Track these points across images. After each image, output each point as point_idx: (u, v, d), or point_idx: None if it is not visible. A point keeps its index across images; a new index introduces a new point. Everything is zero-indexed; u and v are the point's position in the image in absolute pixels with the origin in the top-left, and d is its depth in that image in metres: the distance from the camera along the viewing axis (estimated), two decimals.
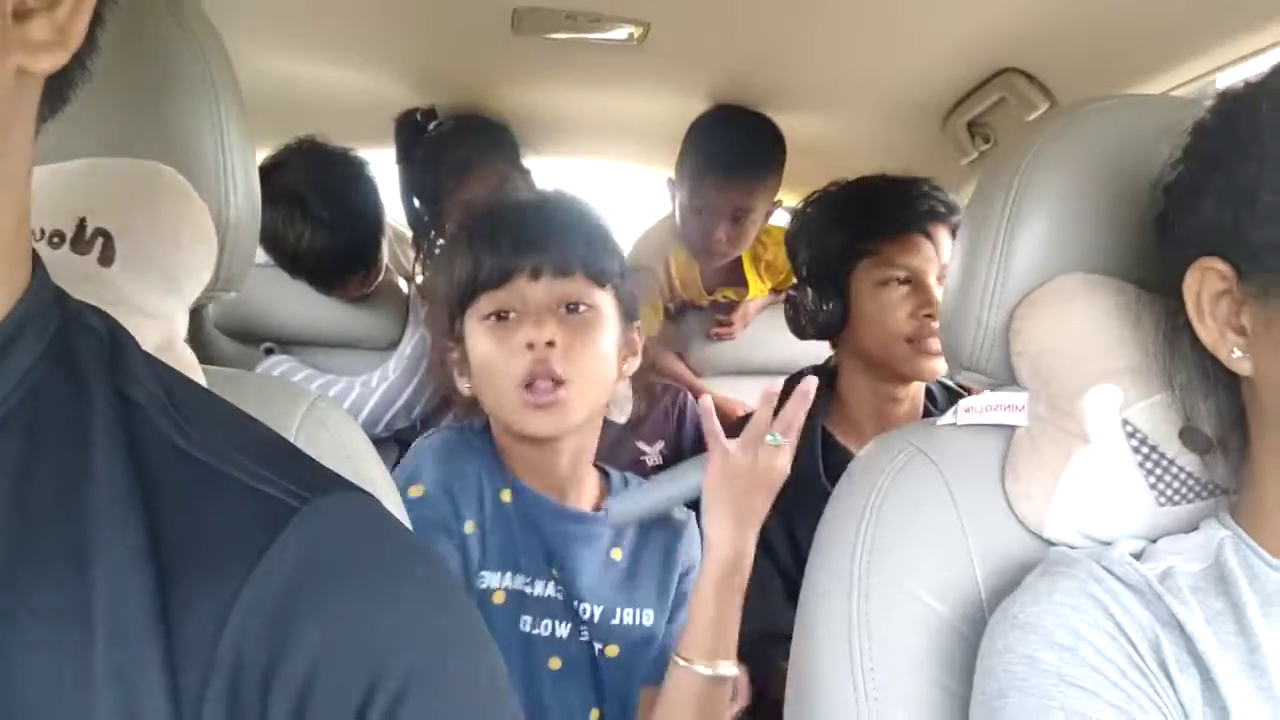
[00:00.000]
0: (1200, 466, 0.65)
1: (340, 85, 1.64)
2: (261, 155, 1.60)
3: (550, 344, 0.92)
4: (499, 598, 0.95)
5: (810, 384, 0.97)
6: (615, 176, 2.15)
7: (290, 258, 1.59)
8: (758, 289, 1.95)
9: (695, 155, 1.70)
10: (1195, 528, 0.65)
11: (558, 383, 0.93)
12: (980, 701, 0.58)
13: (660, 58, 1.47)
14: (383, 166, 1.71)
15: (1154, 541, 0.64)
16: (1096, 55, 1.26)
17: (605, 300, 0.99)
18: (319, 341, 1.73)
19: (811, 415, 1.30)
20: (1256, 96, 0.58)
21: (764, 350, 1.93)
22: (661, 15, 1.33)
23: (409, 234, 1.84)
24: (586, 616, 0.99)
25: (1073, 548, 0.66)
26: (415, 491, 0.96)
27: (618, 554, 1.03)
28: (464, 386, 1.01)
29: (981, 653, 0.60)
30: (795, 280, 1.43)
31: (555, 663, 0.96)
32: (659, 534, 1.06)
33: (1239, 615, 0.56)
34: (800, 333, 1.35)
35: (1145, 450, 0.66)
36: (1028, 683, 0.55)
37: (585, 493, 1.05)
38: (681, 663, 0.92)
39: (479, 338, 0.96)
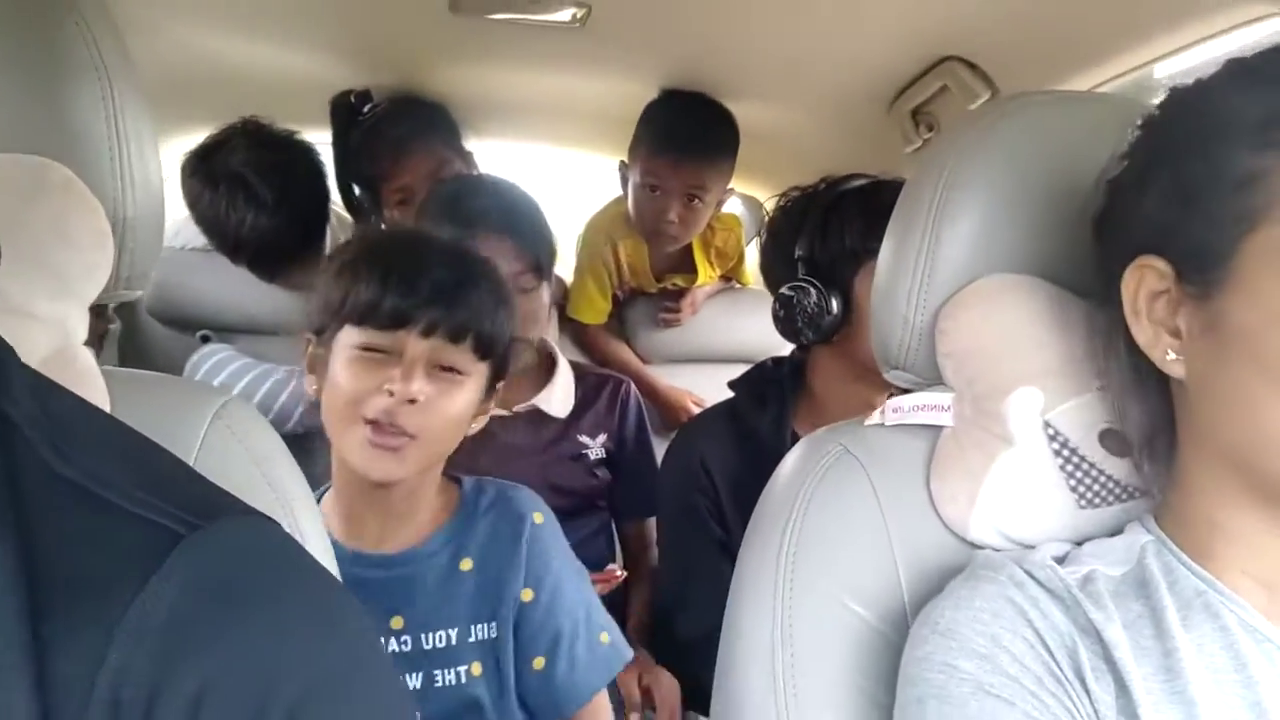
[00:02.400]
0: (1120, 469, 0.65)
1: (278, 65, 1.59)
2: (199, 138, 1.55)
3: (412, 401, 0.90)
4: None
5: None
6: (561, 161, 2.12)
7: (231, 243, 1.54)
8: (707, 275, 1.94)
9: (650, 134, 1.68)
10: (1120, 530, 0.65)
11: (407, 435, 0.91)
12: (901, 707, 0.58)
13: (604, 41, 1.45)
14: (322, 149, 1.67)
15: (1079, 544, 0.64)
16: (1037, 44, 1.25)
17: (479, 370, 0.97)
18: (258, 329, 1.69)
19: (780, 415, 1.30)
20: (1207, 95, 0.57)
21: (712, 337, 1.93)
22: None
23: (350, 219, 1.80)
24: (441, 645, 0.96)
25: (996, 550, 0.65)
26: None
27: (467, 564, 1.00)
28: (311, 389, 0.99)
29: (904, 659, 0.59)
30: (770, 276, 1.35)
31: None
32: (504, 529, 1.02)
33: (1157, 620, 0.56)
34: (792, 335, 1.27)
35: (1066, 453, 0.66)
36: (945, 690, 0.55)
37: (420, 522, 1.01)
38: None
39: (344, 359, 0.93)
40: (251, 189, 1.49)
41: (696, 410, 1.78)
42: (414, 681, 0.95)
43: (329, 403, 0.95)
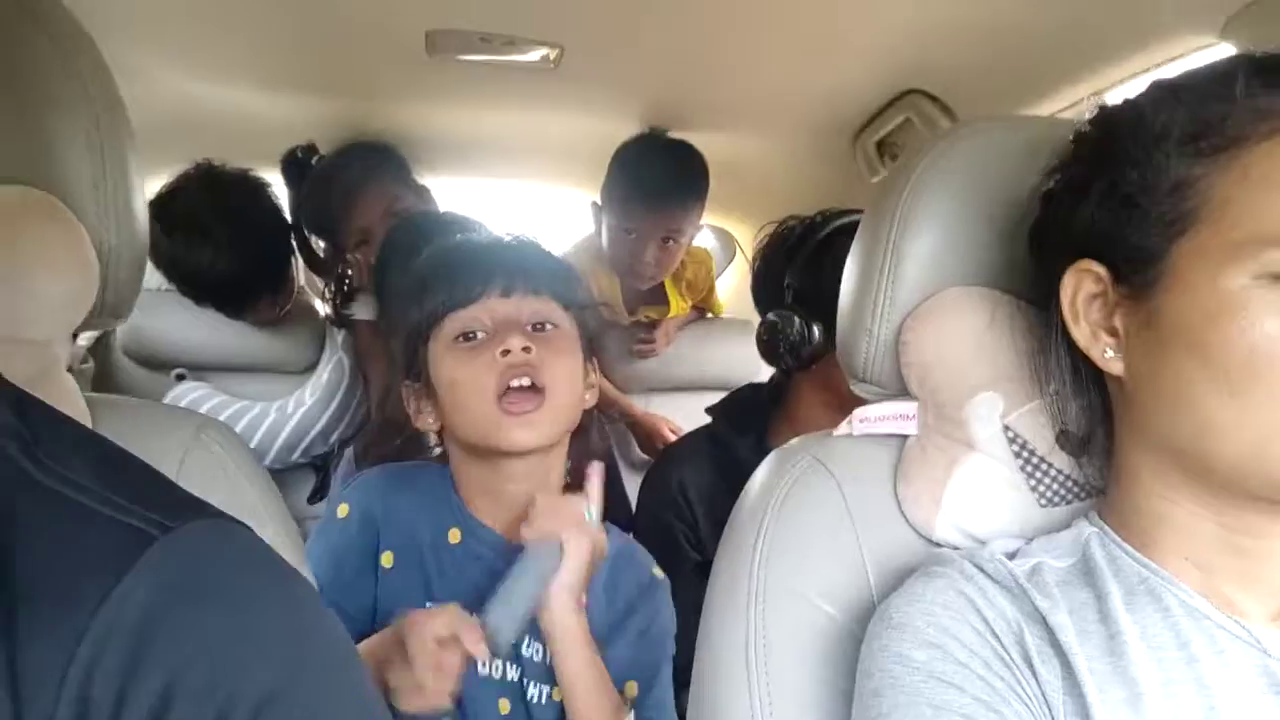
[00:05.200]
0: (1076, 469, 0.68)
1: (254, 108, 1.61)
2: (159, 180, 1.57)
3: (527, 349, 0.90)
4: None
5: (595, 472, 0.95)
6: (533, 198, 2.15)
7: (192, 285, 1.56)
8: (679, 307, 1.97)
9: (626, 180, 1.71)
10: (1067, 526, 0.67)
11: (536, 390, 0.91)
12: (859, 699, 0.60)
13: (576, 80, 1.49)
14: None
15: (1029, 541, 0.67)
16: (994, 77, 1.31)
17: (570, 324, 0.98)
18: (233, 366, 1.70)
19: (759, 440, 1.31)
20: (1139, 111, 0.61)
21: (687, 366, 1.95)
22: (575, 38, 1.34)
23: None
24: (530, 656, 0.94)
25: (958, 549, 0.68)
26: (341, 512, 0.97)
27: (584, 598, 0.96)
28: (428, 421, 0.98)
29: (861, 653, 0.61)
30: (758, 299, 1.38)
31: (504, 705, 0.93)
32: (627, 579, 1.00)
33: (1102, 605, 0.59)
34: (774, 359, 1.29)
35: (1025, 454, 0.68)
36: (899, 680, 0.57)
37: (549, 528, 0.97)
38: None
39: (446, 362, 0.94)
40: (208, 231, 1.51)
41: (673, 436, 1.80)
42: (512, 673, 0.93)
43: (453, 407, 0.93)
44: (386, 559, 0.95)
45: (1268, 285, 0.53)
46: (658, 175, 1.68)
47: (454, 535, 0.97)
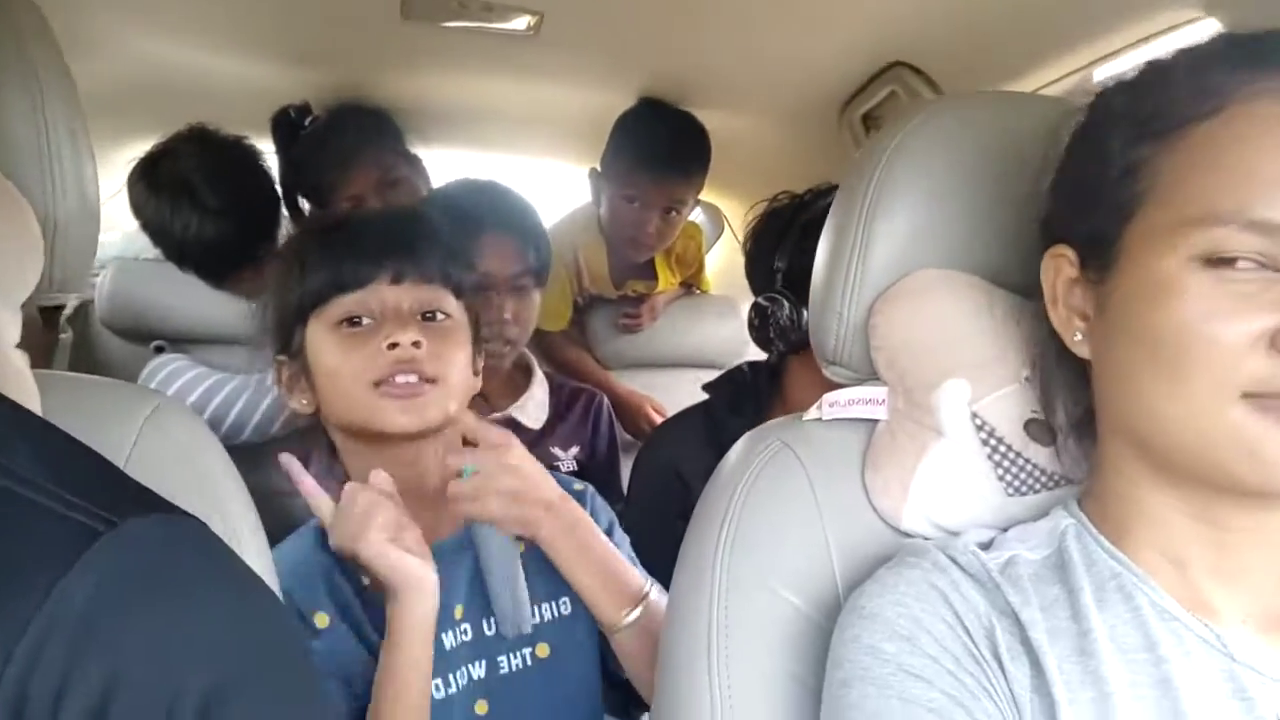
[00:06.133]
0: (1045, 457, 0.67)
1: (232, 73, 1.59)
2: (147, 145, 1.54)
3: (416, 344, 0.88)
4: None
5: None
6: (516, 169, 2.13)
7: (176, 248, 1.54)
8: (668, 282, 1.95)
9: (630, 148, 1.69)
10: (1045, 515, 0.66)
11: (426, 380, 0.88)
12: (828, 689, 0.59)
13: (558, 49, 1.46)
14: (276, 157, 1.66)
15: (1005, 531, 0.66)
16: (979, 49, 1.28)
17: (459, 312, 0.96)
18: (213, 338, 1.68)
19: (756, 420, 1.29)
20: (1099, 101, 0.62)
21: (673, 342, 1.94)
22: (554, 4, 1.31)
23: None
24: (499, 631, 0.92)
25: (927, 538, 0.67)
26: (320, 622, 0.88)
27: (521, 545, 0.95)
28: (301, 403, 0.94)
29: (832, 643, 0.60)
30: (751, 283, 1.35)
31: (482, 707, 0.91)
32: None
33: (1074, 601, 0.58)
34: (764, 343, 1.28)
35: (993, 443, 0.67)
36: (869, 672, 0.56)
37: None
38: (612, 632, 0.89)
39: (327, 346, 0.90)
40: (196, 194, 1.48)
41: (657, 417, 1.79)
42: (477, 671, 0.90)
43: (330, 393, 0.90)
44: (321, 621, 0.87)
45: (1200, 267, 0.53)
46: (664, 143, 1.66)
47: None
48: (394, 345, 0.87)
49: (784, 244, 1.26)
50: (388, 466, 0.89)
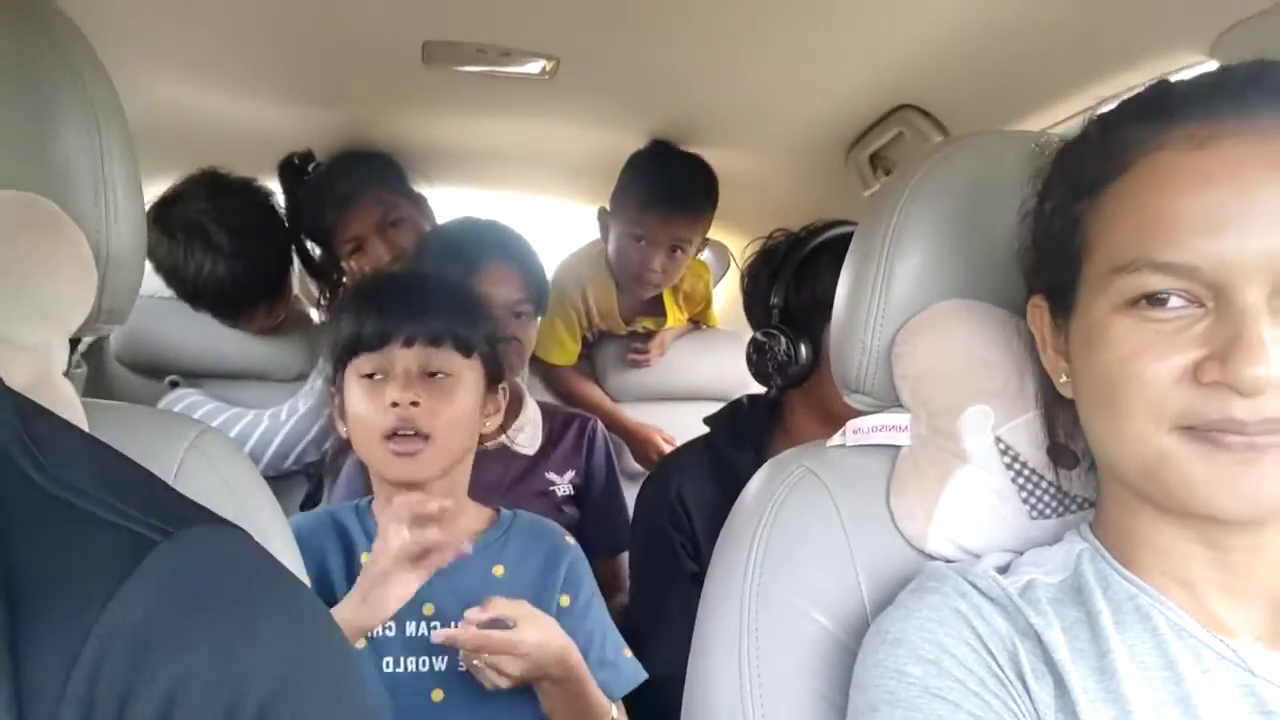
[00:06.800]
0: (1069, 481, 0.69)
1: (252, 117, 1.62)
2: (161, 187, 1.57)
3: (414, 404, 1.02)
4: (359, 643, 1.01)
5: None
6: (532, 211, 2.16)
7: (190, 290, 1.56)
8: (676, 319, 1.98)
9: (639, 187, 1.73)
10: (1060, 539, 0.68)
11: (422, 436, 1.03)
12: (853, 714, 0.60)
13: (572, 92, 1.50)
14: None
15: (1020, 554, 0.67)
16: (985, 92, 1.32)
17: (468, 368, 1.09)
18: (226, 374, 1.70)
19: (758, 452, 1.31)
20: (1053, 159, 0.66)
21: (681, 376, 1.96)
22: (570, 50, 1.35)
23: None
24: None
25: (951, 560, 0.68)
26: None
27: (499, 570, 1.09)
28: (342, 430, 1.11)
29: (856, 667, 0.62)
30: (749, 318, 1.38)
31: (437, 694, 1.02)
32: (538, 548, 1.13)
33: (1093, 624, 0.59)
34: (763, 379, 1.30)
35: (1017, 466, 0.69)
36: (895, 695, 0.57)
37: (462, 524, 1.10)
38: None
39: (354, 393, 1.07)
40: (209, 237, 1.51)
41: (667, 447, 1.80)
42: (439, 664, 1.03)
43: (354, 434, 1.08)
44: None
45: (1122, 311, 0.57)
46: (672, 183, 1.71)
47: (365, 558, 1.05)
48: (395, 404, 1.02)
49: (779, 281, 1.29)
50: (398, 491, 1.05)
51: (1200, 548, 0.59)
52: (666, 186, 1.70)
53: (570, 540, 1.16)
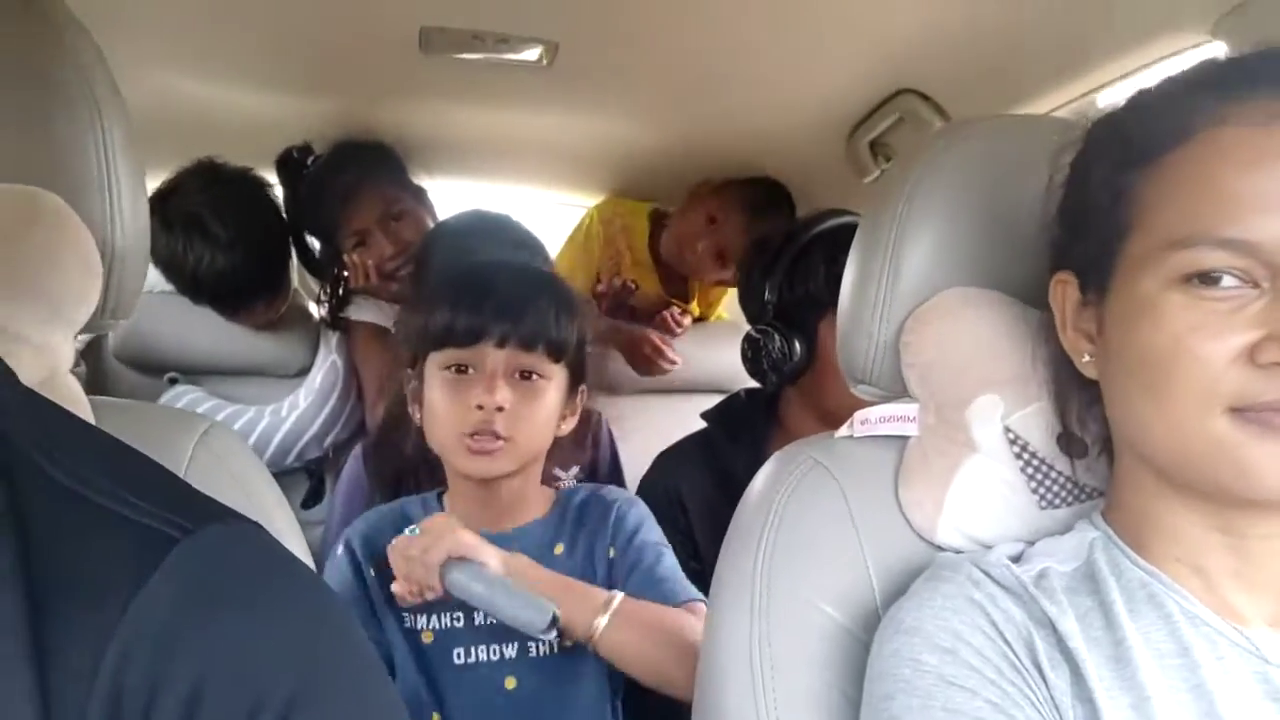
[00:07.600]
0: (1078, 470, 0.69)
1: (249, 107, 1.61)
2: (157, 179, 1.56)
3: (500, 409, 1.00)
4: (427, 638, 1.02)
5: None
6: (534, 202, 2.15)
7: (190, 282, 1.55)
8: (695, 309, 2.00)
9: (742, 183, 1.79)
10: (1072, 528, 0.68)
11: (501, 438, 1.01)
12: (869, 703, 0.60)
13: (572, 79, 1.49)
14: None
15: (1032, 544, 0.67)
16: (985, 76, 1.31)
17: (557, 372, 1.06)
18: (226, 370, 1.69)
19: (755, 448, 1.31)
20: (1090, 132, 0.65)
21: (683, 368, 1.95)
22: (568, 35, 1.34)
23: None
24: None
25: (960, 551, 0.68)
26: (338, 552, 1.07)
27: (559, 549, 1.09)
28: (415, 415, 1.09)
29: (871, 657, 0.62)
30: (746, 314, 1.39)
31: (511, 682, 1.02)
32: (590, 517, 1.11)
33: (1107, 612, 0.59)
34: (758, 376, 1.30)
35: (1026, 456, 0.69)
36: (911, 684, 0.57)
37: (529, 510, 1.11)
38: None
39: (436, 384, 1.04)
40: (207, 228, 1.50)
41: (661, 344, 1.82)
42: (509, 650, 1.02)
43: (430, 424, 1.06)
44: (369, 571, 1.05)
45: (1175, 287, 0.56)
46: (767, 193, 1.79)
47: None
48: (481, 407, 1.00)
49: (773, 276, 1.29)
50: (474, 490, 1.07)
51: (1218, 534, 0.59)
52: (765, 194, 1.79)
53: (616, 494, 1.15)
